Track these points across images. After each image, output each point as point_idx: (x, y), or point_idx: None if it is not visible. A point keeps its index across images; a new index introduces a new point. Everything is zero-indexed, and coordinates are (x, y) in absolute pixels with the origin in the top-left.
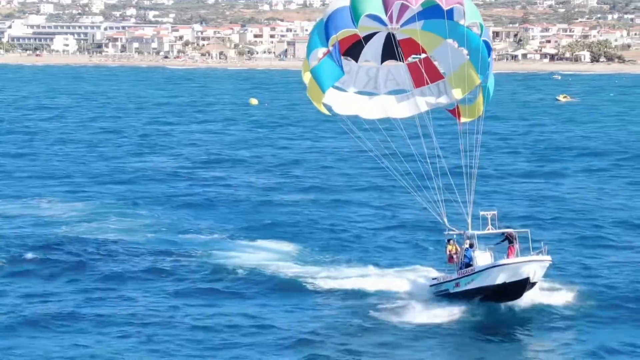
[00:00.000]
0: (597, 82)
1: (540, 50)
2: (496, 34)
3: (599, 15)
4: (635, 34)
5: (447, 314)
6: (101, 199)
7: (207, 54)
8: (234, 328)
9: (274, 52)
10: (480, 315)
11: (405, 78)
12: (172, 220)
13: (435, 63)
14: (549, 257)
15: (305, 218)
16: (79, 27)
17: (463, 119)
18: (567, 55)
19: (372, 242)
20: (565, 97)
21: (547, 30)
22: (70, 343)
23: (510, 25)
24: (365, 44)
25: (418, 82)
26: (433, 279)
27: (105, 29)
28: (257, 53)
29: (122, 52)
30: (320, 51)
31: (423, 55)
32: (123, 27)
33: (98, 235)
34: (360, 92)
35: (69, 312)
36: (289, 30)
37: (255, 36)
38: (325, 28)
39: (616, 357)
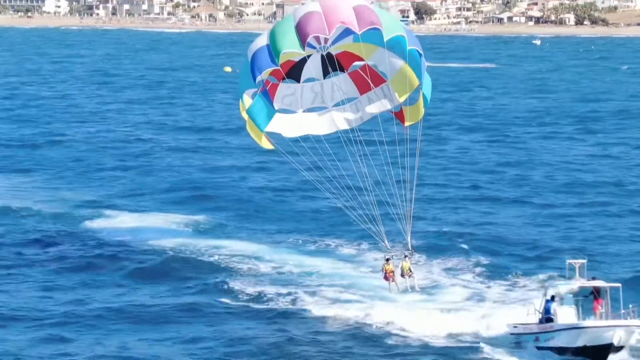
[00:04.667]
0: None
1: (526, 13)
2: None
3: None
4: None
5: None
6: None
7: (196, 16)
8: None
9: (263, 15)
10: None
11: (350, 86)
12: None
13: (376, 68)
14: (638, 322)
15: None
16: None
17: (407, 123)
18: (552, 18)
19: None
20: None
21: None
22: None
23: None
24: (303, 65)
25: (363, 88)
26: (514, 326)
27: None
28: (247, 15)
29: (112, 14)
30: (251, 91)
31: (362, 63)
32: None
33: None
34: (308, 110)
35: None
36: None
37: None
38: (251, 69)
39: None
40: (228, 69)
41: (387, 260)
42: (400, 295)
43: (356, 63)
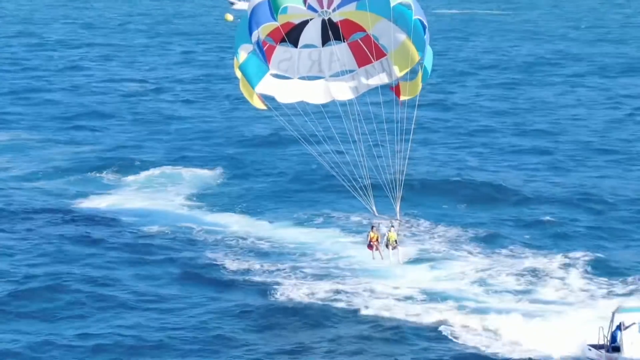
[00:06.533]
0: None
1: None
2: None
3: None
4: None
5: None
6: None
7: None
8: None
9: None
10: None
11: (349, 58)
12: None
13: (377, 40)
14: None
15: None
16: None
17: (403, 97)
18: None
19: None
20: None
21: None
22: None
23: None
24: (303, 29)
25: (361, 61)
26: (588, 349)
27: None
28: None
29: None
30: (246, 47)
31: (364, 34)
32: None
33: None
34: (305, 77)
35: None
36: None
37: None
38: (249, 23)
39: None
40: (229, 16)
41: (372, 227)
42: (392, 267)
43: (357, 34)
